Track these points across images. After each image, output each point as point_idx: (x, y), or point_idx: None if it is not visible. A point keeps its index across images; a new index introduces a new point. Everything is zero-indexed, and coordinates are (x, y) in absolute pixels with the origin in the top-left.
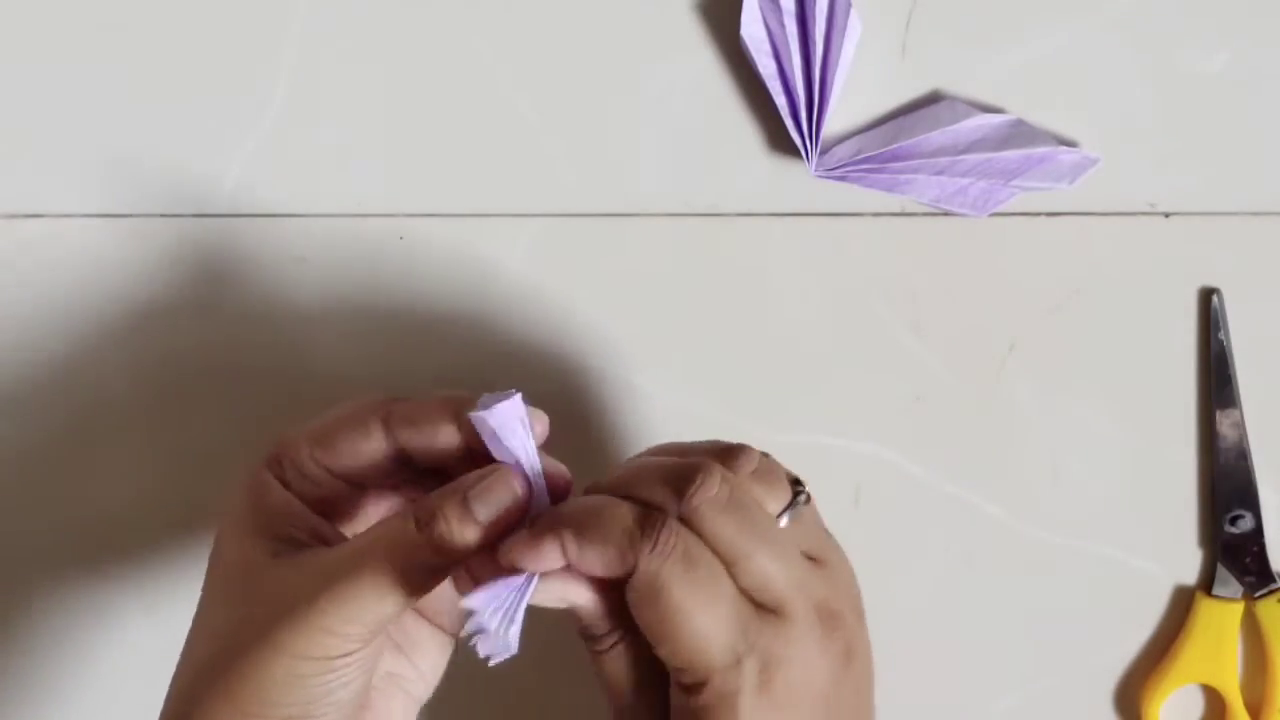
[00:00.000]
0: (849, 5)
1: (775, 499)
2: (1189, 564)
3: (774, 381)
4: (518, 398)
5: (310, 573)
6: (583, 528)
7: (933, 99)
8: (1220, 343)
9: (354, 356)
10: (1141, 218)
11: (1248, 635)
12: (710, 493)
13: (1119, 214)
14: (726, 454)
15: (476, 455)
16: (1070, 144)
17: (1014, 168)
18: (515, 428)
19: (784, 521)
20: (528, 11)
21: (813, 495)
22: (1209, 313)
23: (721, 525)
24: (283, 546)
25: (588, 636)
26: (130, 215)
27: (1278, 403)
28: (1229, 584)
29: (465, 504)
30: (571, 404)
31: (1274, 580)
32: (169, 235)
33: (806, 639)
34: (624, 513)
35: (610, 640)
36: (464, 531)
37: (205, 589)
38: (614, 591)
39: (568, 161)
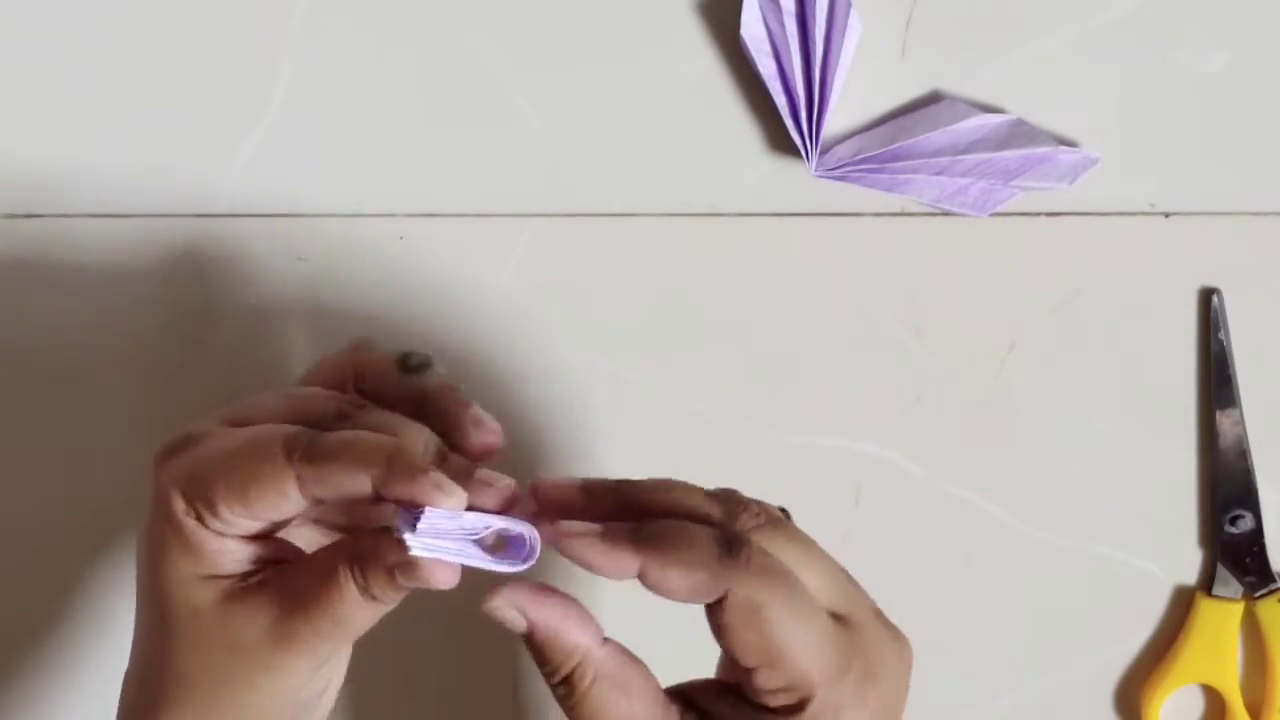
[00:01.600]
0: (849, 5)
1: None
2: (1189, 564)
3: (774, 382)
4: (428, 517)
5: (268, 624)
6: (668, 549)
7: (933, 99)
8: (1220, 343)
9: None
10: (1141, 218)
11: (1248, 635)
12: (759, 518)
13: (1119, 214)
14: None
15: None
16: (1070, 144)
17: (1014, 168)
18: (446, 527)
19: None
20: (528, 11)
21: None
22: (1209, 313)
23: (775, 544)
24: (228, 582)
25: (565, 681)
26: (130, 215)
27: (1278, 403)
28: (1229, 584)
29: (393, 578)
30: (571, 404)
31: (1274, 580)
32: (169, 235)
33: (884, 645)
34: (706, 535)
35: (589, 677)
36: (398, 593)
37: (150, 626)
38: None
39: (568, 161)
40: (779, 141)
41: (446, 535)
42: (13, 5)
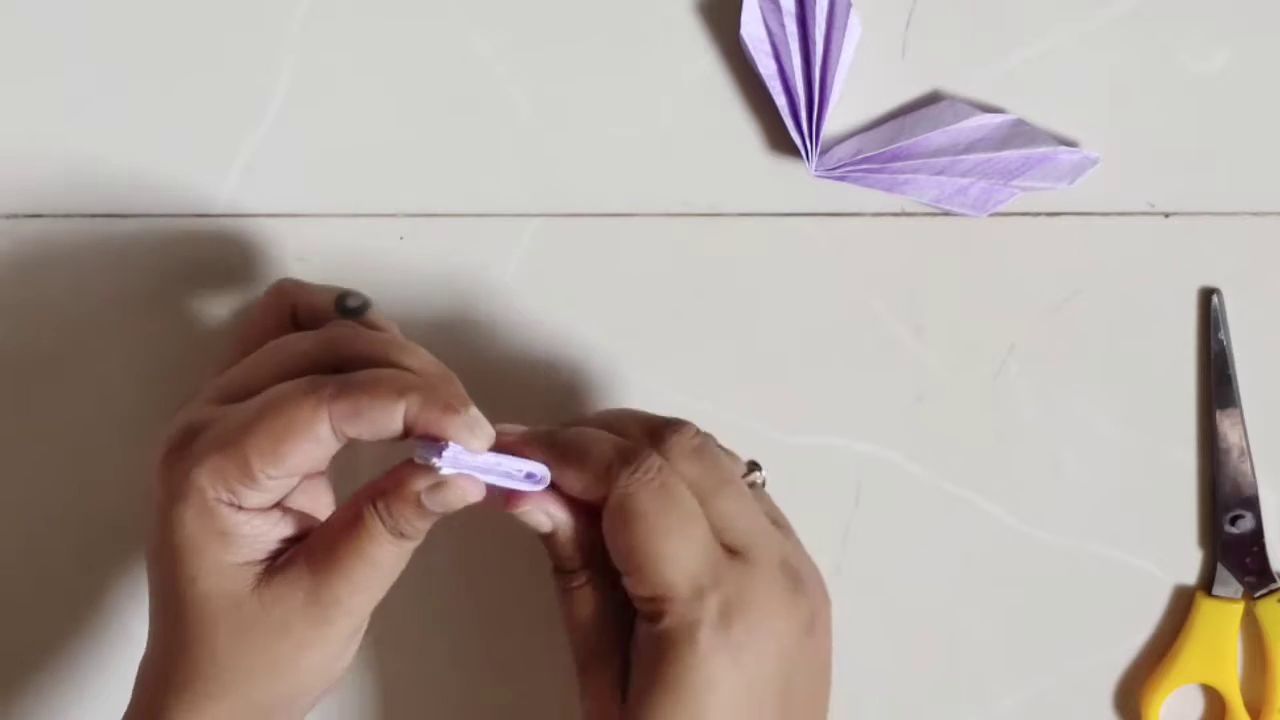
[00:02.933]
0: (849, 5)
1: (736, 467)
2: (1189, 564)
3: (774, 381)
4: (454, 449)
5: (307, 592)
6: (568, 451)
7: (933, 99)
8: (1220, 343)
9: None
10: (1141, 218)
11: (1248, 635)
12: (684, 440)
13: (1119, 214)
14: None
15: None
16: (1070, 144)
17: (1014, 168)
18: (468, 461)
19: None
20: (527, 11)
21: (766, 480)
22: (1209, 313)
23: (690, 467)
24: (261, 567)
25: (560, 572)
26: (130, 215)
27: (1278, 403)
28: (1229, 584)
29: (420, 506)
30: (571, 404)
31: (1274, 580)
32: (169, 235)
33: (771, 587)
34: (607, 442)
35: (580, 579)
36: (424, 524)
37: (176, 625)
38: (591, 528)
39: (568, 161)
40: (779, 141)
41: (467, 466)
42: (13, 5)
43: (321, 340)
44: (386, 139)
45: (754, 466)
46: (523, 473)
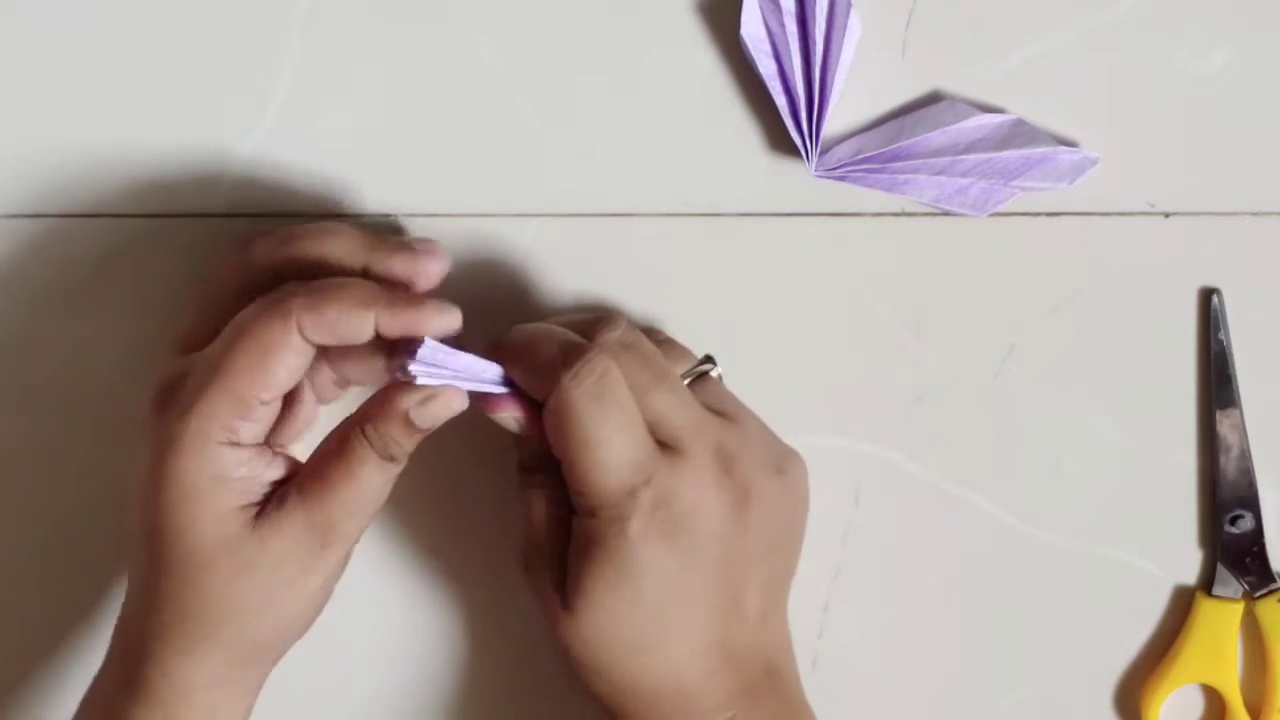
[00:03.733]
0: (849, 5)
1: (679, 365)
2: (1189, 564)
3: (774, 381)
4: (428, 344)
5: (303, 521)
6: (516, 352)
7: (933, 99)
8: (1220, 343)
9: None
10: (1141, 218)
11: (1248, 635)
12: (614, 335)
13: (1119, 214)
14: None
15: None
16: (1070, 144)
17: (1014, 168)
18: (443, 360)
19: (685, 382)
20: (528, 11)
21: (722, 375)
22: (1209, 313)
23: (622, 365)
24: (254, 509)
25: (524, 469)
26: (130, 215)
27: (1278, 403)
28: (1229, 584)
29: (409, 423)
30: None
31: (1274, 580)
32: (169, 235)
33: (701, 476)
34: (553, 342)
35: (537, 478)
36: (411, 443)
37: (166, 574)
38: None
39: (568, 161)
40: (779, 141)
41: (443, 368)
42: (13, 5)
43: (244, 259)
44: (386, 140)
45: (708, 360)
46: (499, 376)
